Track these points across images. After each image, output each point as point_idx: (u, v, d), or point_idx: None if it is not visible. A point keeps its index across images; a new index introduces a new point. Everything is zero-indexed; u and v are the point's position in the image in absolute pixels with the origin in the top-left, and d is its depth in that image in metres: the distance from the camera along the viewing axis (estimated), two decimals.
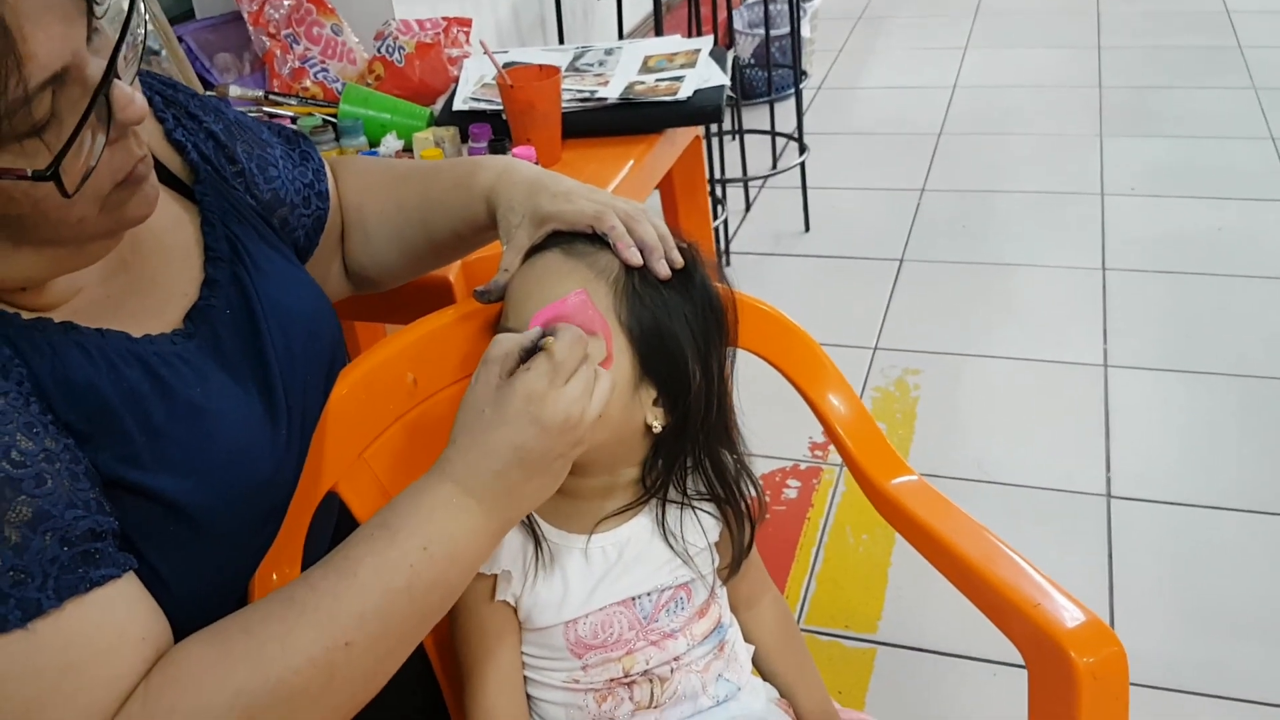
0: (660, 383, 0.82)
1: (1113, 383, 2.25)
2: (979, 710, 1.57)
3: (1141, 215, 2.91)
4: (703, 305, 0.85)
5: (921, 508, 0.90)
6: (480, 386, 0.70)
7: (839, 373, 1.00)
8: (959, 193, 3.11)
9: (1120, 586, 1.75)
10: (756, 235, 2.98)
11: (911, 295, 2.63)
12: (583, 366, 0.71)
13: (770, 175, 3.03)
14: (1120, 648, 0.80)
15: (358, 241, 1.01)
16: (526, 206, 0.87)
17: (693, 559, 0.87)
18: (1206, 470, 1.99)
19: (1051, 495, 1.97)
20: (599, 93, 1.49)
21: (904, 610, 1.75)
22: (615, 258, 0.82)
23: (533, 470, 0.69)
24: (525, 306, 0.82)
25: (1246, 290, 2.53)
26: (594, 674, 0.85)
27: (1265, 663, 1.58)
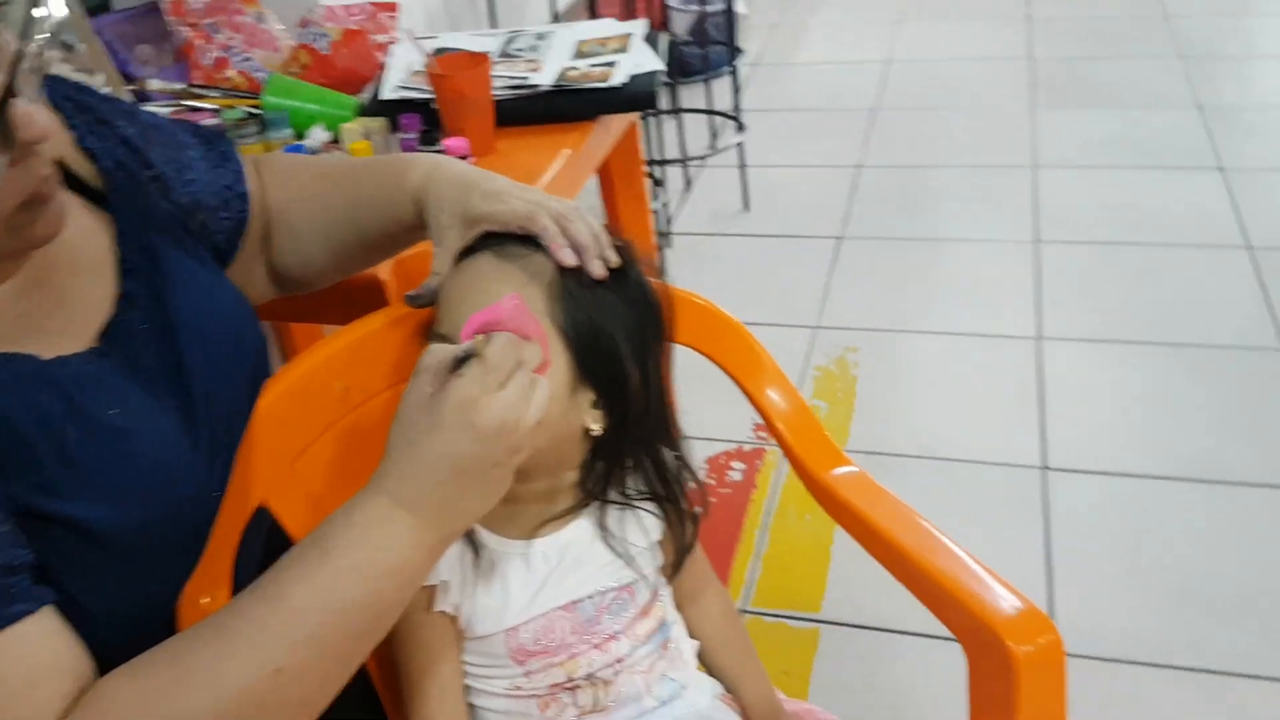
0: (598, 385, 0.81)
1: (1046, 355, 2.29)
2: (923, 684, 1.59)
3: (1072, 187, 2.95)
4: (638, 304, 0.84)
5: (860, 499, 0.91)
6: (413, 397, 0.69)
7: (775, 365, 1.00)
8: (896, 168, 3.13)
9: (1058, 558, 1.79)
10: (696, 215, 2.97)
11: (850, 273, 2.65)
12: (518, 371, 0.69)
13: (709, 155, 3.02)
14: (1056, 635, 0.81)
15: (284, 243, 0.98)
16: (457, 207, 0.86)
17: (635, 560, 0.87)
18: (1141, 440, 2.03)
19: (989, 469, 2.00)
20: (531, 79, 1.47)
21: (846, 588, 1.77)
22: (549, 259, 0.81)
23: (471, 480, 0.68)
24: (458, 311, 0.80)
25: (1177, 259, 2.59)
26: (536, 680, 0.85)
27: (1204, 630, 1.63)
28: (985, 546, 1.83)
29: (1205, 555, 1.76)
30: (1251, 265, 2.52)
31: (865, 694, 1.59)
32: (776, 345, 1.03)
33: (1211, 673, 1.56)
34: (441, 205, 0.86)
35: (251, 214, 0.95)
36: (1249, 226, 2.67)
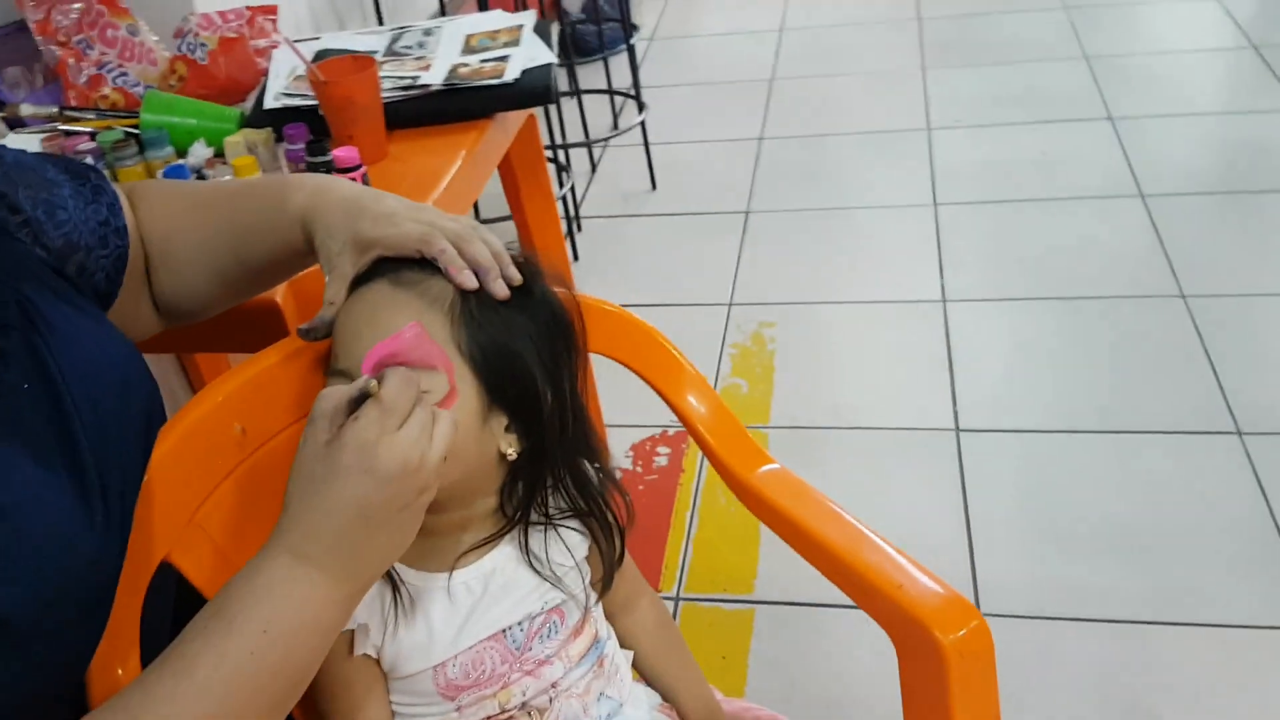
0: (510, 409, 0.79)
1: (952, 317, 2.32)
2: (860, 656, 1.61)
3: (967, 146, 3.00)
4: (546, 320, 0.82)
5: (784, 498, 0.91)
6: (309, 446, 0.66)
7: (692, 368, 0.99)
8: (796, 138, 3.14)
9: (976, 518, 1.82)
10: (604, 197, 2.95)
11: (760, 247, 2.65)
12: (417, 408, 0.67)
13: (612, 136, 2.99)
14: (982, 621, 0.82)
15: (166, 275, 0.94)
16: (346, 231, 0.82)
17: (561, 580, 0.85)
18: (1048, 395, 2.08)
19: (905, 434, 2.03)
20: (421, 79, 1.43)
21: (777, 567, 1.78)
22: (448, 283, 0.78)
23: (376, 526, 0.65)
24: (355, 345, 0.77)
25: (1073, 212, 2.64)
26: (469, 714, 0.83)
27: (1121, 580, 1.67)
28: (906, 512, 1.88)
29: (1116, 505, 1.81)
30: (1145, 214, 2.59)
31: (804, 670, 1.60)
32: (693, 325, 1.02)
33: (1130, 623, 1.60)
34: (330, 231, 0.83)
35: (131, 248, 0.90)
36: (1140, 175, 2.75)
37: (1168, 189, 2.68)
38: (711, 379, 2.19)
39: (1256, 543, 1.69)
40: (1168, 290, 2.32)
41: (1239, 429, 1.92)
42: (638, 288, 2.48)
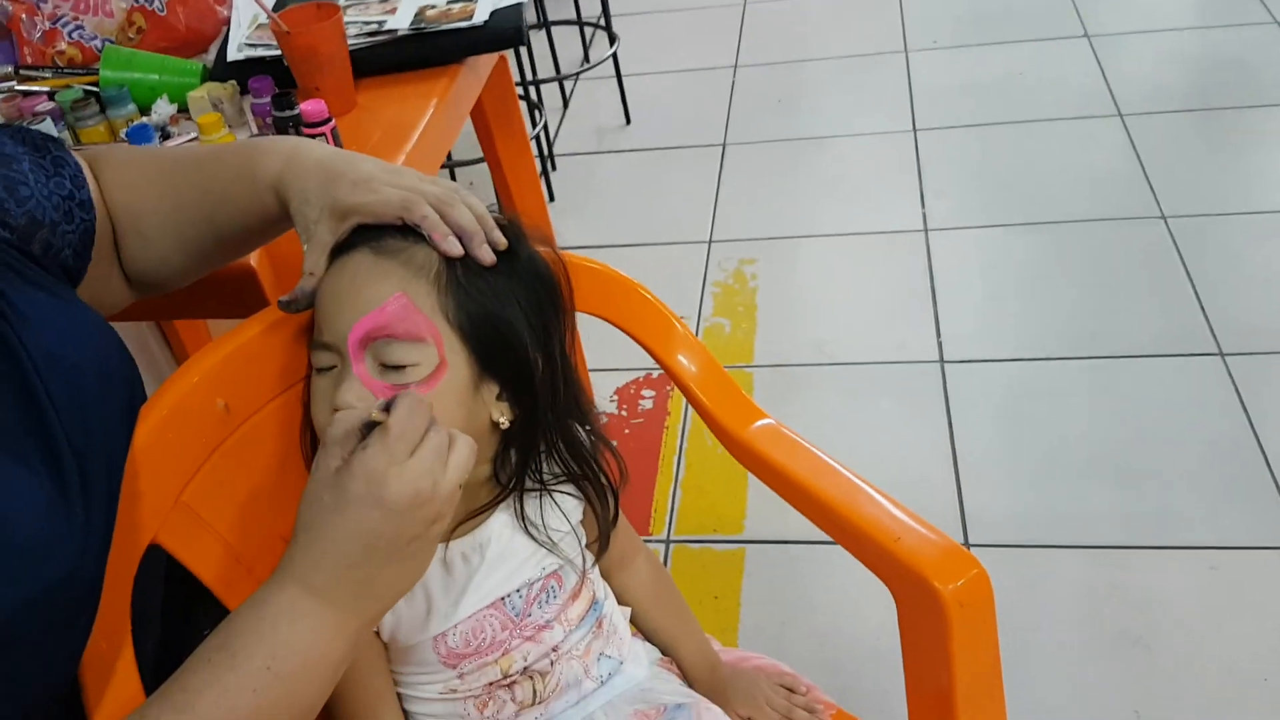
0: (501, 377, 0.78)
1: (934, 247, 2.31)
2: (849, 591, 1.62)
3: (944, 69, 2.95)
4: (533, 284, 0.80)
5: (779, 454, 0.90)
6: (319, 473, 0.63)
7: (681, 325, 0.97)
8: (770, 66, 3.09)
9: (962, 450, 1.83)
10: (578, 133, 2.90)
11: (738, 181, 2.62)
12: (430, 434, 0.64)
13: (585, 70, 2.92)
14: (981, 570, 0.82)
15: (135, 246, 0.90)
16: (323, 198, 0.79)
17: (558, 545, 0.84)
18: (1030, 323, 2.08)
19: (889, 368, 2.03)
20: (387, 23, 1.38)
21: (766, 507, 1.79)
22: (432, 250, 0.76)
23: (386, 558, 0.63)
24: (339, 318, 0.75)
25: (1051, 134, 2.62)
26: (471, 681, 0.82)
27: (1107, 505, 1.69)
28: (893, 446, 1.88)
29: (1100, 431, 1.82)
30: (1124, 133, 2.57)
31: (796, 607, 1.61)
32: (674, 264, 1.00)
33: (1116, 548, 1.62)
34: (306, 197, 0.80)
35: (98, 220, 0.87)
36: (1118, 93, 2.72)
37: (1145, 107, 2.66)
38: (694, 319, 2.18)
39: (1239, 464, 1.71)
40: (1148, 211, 2.31)
41: (1221, 350, 1.93)
42: (616, 227, 2.45)
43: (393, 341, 0.73)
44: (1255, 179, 2.36)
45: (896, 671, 1.44)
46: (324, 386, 0.76)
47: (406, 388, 0.74)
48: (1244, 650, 1.44)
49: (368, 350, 0.74)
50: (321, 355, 0.77)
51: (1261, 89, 2.65)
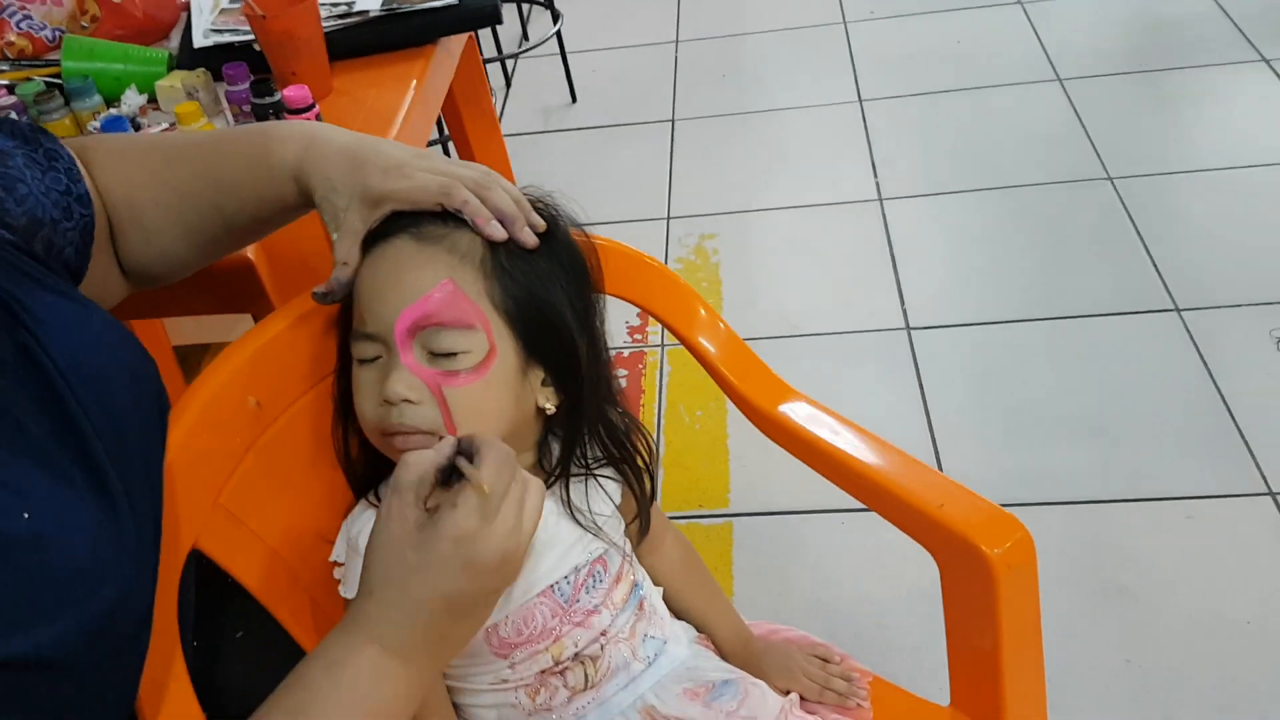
0: (547, 361, 0.76)
1: (890, 215, 2.33)
2: (837, 558, 1.64)
3: (884, 39, 2.98)
4: (571, 265, 0.79)
5: (813, 428, 0.90)
6: (395, 523, 0.61)
7: (706, 304, 0.96)
8: (712, 40, 3.08)
9: (936, 414, 1.85)
10: (524, 113, 2.86)
11: (691, 156, 2.61)
12: (512, 487, 0.62)
13: (530, 48, 2.88)
14: (1026, 532, 0.83)
15: (135, 240, 0.86)
16: (352, 185, 0.76)
17: (602, 529, 0.83)
18: (990, 287, 2.11)
19: (858, 337, 2.05)
20: (358, 4, 1.34)
21: (749, 478, 1.80)
22: (472, 234, 0.74)
23: (467, 614, 0.63)
24: (383, 308, 0.73)
25: (993, 100, 2.66)
26: (522, 670, 0.81)
27: (1080, 462, 1.72)
28: (868, 414, 1.88)
29: (1067, 389, 1.86)
30: (1065, 97, 2.62)
31: (789, 576, 1.62)
32: (633, 242, 0.99)
33: (1092, 503, 1.66)
34: (333, 184, 0.77)
35: (95, 214, 0.82)
36: (1055, 58, 2.77)
37: (1082, 71, 2.71)
38: None
39: (1203, 415, 1.76)
40: (1094, 173, 2.36)
41: (1176, 305, 1.98)
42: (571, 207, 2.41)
43: (442, 329, 0.71)
44: (1195, 138, 2.43)
45: (899, 633, 1.46)
46: (369, 378, 0.74)
47: (457, 375, 0.72)
48: (1225, 595, 1.49)
49: (415, 339, 0.72)
50: (365, 346, 0.74)
51: (1191, 49, 2.72)
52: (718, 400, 1.92)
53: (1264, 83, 2.54)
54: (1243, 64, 2.61)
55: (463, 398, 0.72)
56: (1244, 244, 2.09)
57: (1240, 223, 2.15)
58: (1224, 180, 2.27)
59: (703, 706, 0.85)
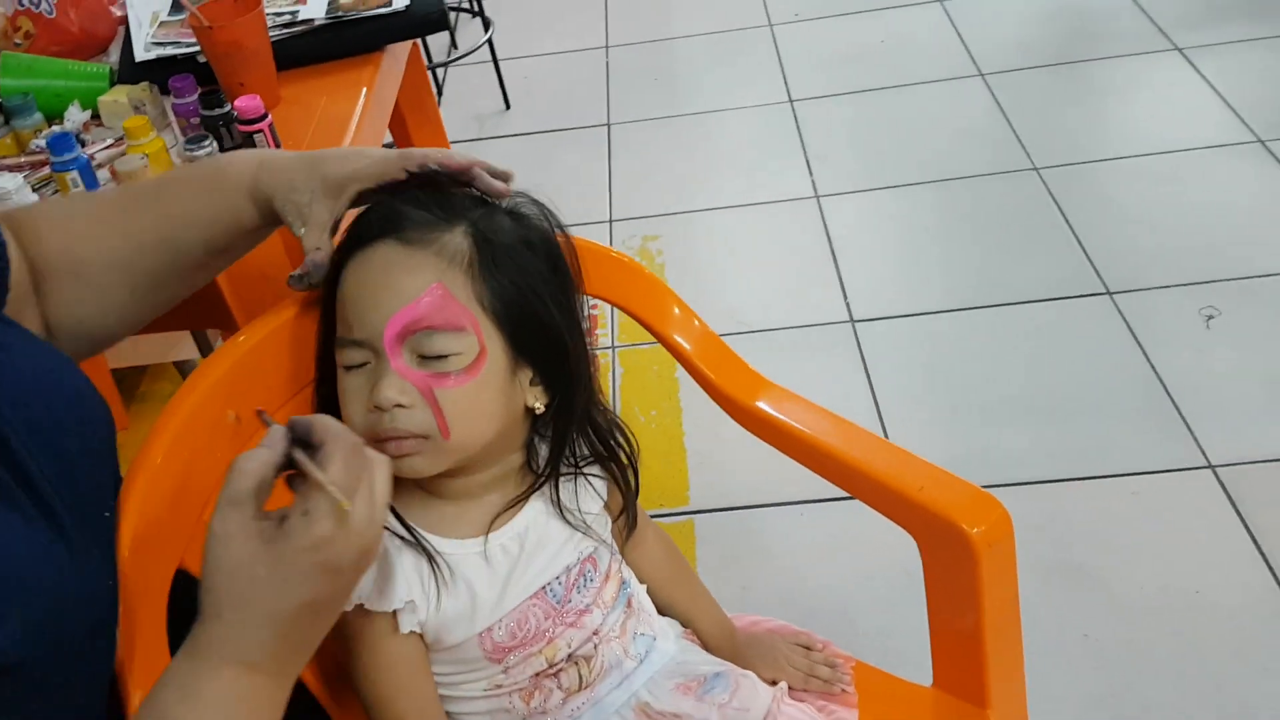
0: (536, 360, 0.77)
1: (827, 211, 2.37)
2: (798, 549, 1.66)
3: (809, 40, 3.02)
4: (555, 264, 0.79)
5: (791, 418, 0.91)
6: (238, 541, 0.56)
7: (679, 299, 0.97)
8: (641, 45, 3.10)
9: (885, 404, 1.89)
10: (458, 121, 2.84)
11: (628, 159, 2.62)
12: (361, 475, 0.59)
13: (462, 56, 2.86)
14: (1004, 510, 0.85)
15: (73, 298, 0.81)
16: (311, 179, 0.77)
17: (591, 528, 0.83)
18: (931, 277, 2.15)
19: (804, 331, 2.07)
20: (301, 13, 1.33)
21: (707, 475, 1.81)
22: (459, 236, 0.74)
23: (326, 612, 0.61)
24: (372, 313, 0.72)
25: (919, 97, 2.72)
26: (516, 674, 0.81)
27: (1027, 444, 1.77)
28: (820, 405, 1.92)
29: (1009, 374, 1.91)
30: (988, 92, 2.69)
31: (752, 570, 1.64)
32: None
33: (1042, 483, 1.71)
34: (293, 186, 0.77)
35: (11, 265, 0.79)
36: (976, 54, 2.84)
37: (1003, 65, 2.78)
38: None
39: (1141, 393, 1.82)
40: (1021, 164, 2.42)
41: (1108, 289, 2.04)
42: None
43: (433, 332, 0.71)
44: (1115, 126, 2.51)
45: (865, 619, 1.48)
46: (357, 384, 0.73)
47: (448, 377, 0.72)
48: (1174, 567, 1.54)
49: (405, 344, 0.71)
50: (352, 353, 0.74)
51: (1106, 41, 2.80)
52: (671, 399, 1.94)
53: (1178, 71, 2.64)
54: (1157, 53, 2.71)
55: (455, 399, 0.72)
56: (1168, 227, 2.17)
57: (1163, 206, 2.22)
58: (1145, 166, 2.34)
59: (695, 700, 0.85)
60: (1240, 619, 1.46)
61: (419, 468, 0.74)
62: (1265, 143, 2.34)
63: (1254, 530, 1.57)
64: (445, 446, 0.73)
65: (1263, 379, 1.81)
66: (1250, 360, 1.85)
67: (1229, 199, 2.22)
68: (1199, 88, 2.56)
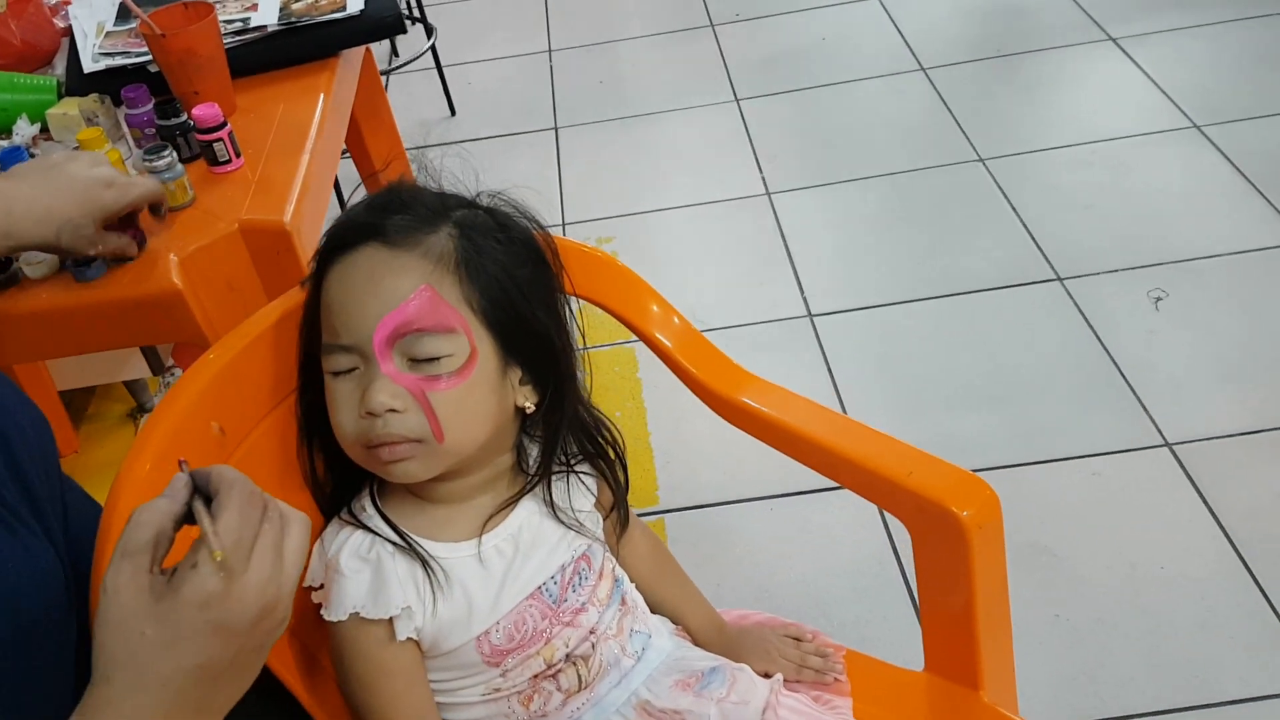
0: (525, 359, 0.76)
1: (779, 209, 2.38)
2: (769, 543, 1.66)
3: (752, 40, 3.04)
4: (537, 262, 0.79)
5: (778, 411, 0.91)
6: (127, 594, 0.52)
7: (659, 297, 0.97)
8: (585, 48, 3.09)
9: (847, 397, 1.90)
10: (403, 129, 2.75)
11: (579, 162, 2.61)
12: (264, 527, 0.55)
13: (406, 64, 2.83)
14: (992, 492, 0.86)
15: None
16: (91, 213, 0.93)
17: (584, 525, 0.83)
18: (883, 270, 2.17)
19: (764, 328, 2.08)
20: (253, 20, 1.30)
21: (675, 475, 1.81)
22: (445, 237, 0.73)
23: (227, 679, 0.55)
24: (360, 318, 0.71)
25: (863, 93, 2.74)
26: (515, 676, 0.80)
27: (987, 430, 1.79)
28: None
29: (966, 362, 1.93)
30: (930, 86, 2.73)
31: (726, 567, 1.64)
32: None
33: (1003, 467, 1.73)
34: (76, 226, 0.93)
35: None
36: (916, 49, 2.88)
37: (943, 59, 2.82)
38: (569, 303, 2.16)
39: (1096, 376, 1.86)
40: (966, 156, 2.46)
41: (1058, 275, 2.08)
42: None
43: (423, 335, 0.70)
44: (1056, 116, 2.56)
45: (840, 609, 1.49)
46: (346, 390, 0.72)
47: (440, 379, 0.71)
48: (1138, 544, 1.57)
49: (395, 347, 0.70)
50: (339, 359, 0.72)
51: (1043, 33, 2.86)
52: (635, 400, 1.93)
53: (1113, 60, 2.70)
54: (1092, 44, 2.77)
55: (448, 402, 0.71)
56: (1112, 213, 2.21)
57: (1106, 193, 2.27)
58: (1087, 154, 2.39)
59: (694, 696, 0.85)
60: (1204, 591, 1.50)
61: (414, 472, 0.73)
62: (1200, 128, 2.40)
63: (1212, 505, 1.61)
64: (440, 450, 0.72)
65: (1212, 357, 1.85)
66: (1199, 339, 1.89)
67: (1169, 184, 2.28)
68: (1135, 77, 2.62)
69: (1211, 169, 2.29)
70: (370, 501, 0.79)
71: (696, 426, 1.88)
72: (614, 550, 0.93)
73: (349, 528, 0.77)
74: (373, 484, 0.80)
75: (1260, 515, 1.58)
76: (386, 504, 0.78)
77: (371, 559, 0.75)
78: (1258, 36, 2.72)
